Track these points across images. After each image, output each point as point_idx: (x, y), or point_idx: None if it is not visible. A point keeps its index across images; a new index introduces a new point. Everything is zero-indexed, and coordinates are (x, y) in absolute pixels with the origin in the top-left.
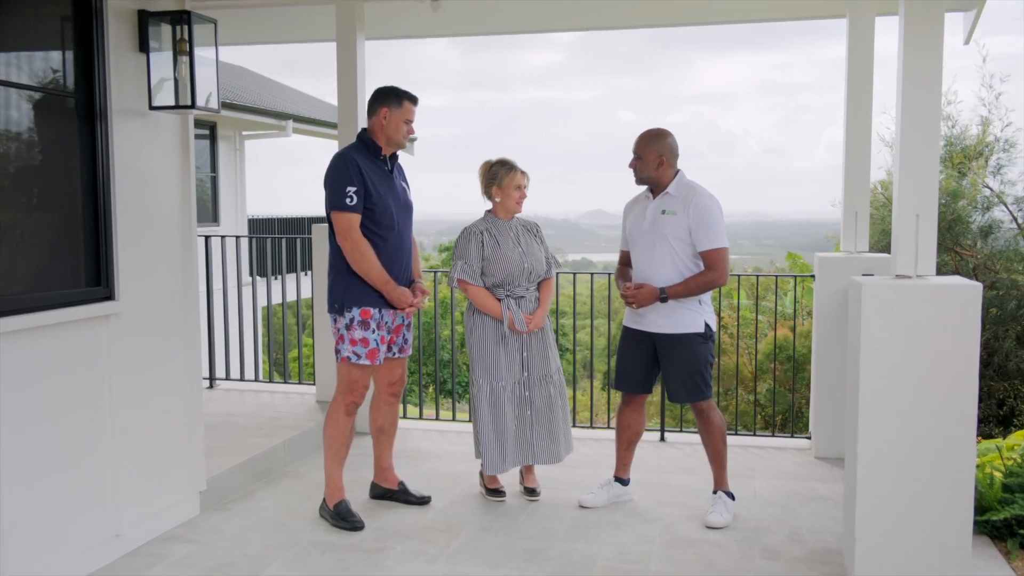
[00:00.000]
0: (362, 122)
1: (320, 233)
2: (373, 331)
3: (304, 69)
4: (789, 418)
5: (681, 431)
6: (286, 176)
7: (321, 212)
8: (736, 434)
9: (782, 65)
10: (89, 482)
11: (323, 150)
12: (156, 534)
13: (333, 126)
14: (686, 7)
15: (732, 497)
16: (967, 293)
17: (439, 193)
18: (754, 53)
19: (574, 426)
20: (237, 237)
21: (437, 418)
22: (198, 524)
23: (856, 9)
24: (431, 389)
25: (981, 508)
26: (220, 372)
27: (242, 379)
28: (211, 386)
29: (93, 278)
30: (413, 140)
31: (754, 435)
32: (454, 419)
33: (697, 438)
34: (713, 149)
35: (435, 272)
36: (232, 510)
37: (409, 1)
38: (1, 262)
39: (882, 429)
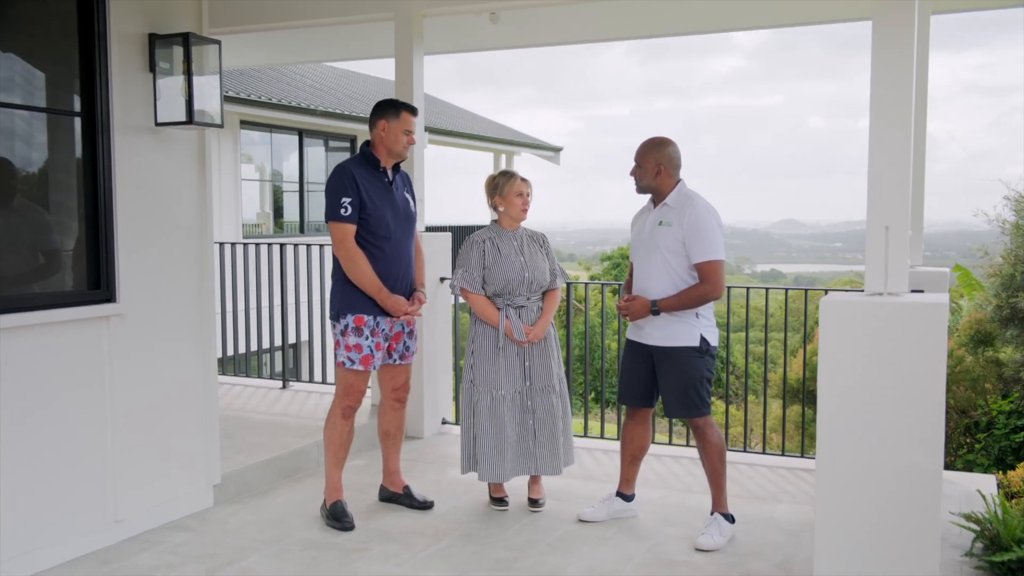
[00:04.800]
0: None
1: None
2: (367, 338)
3: (443, 79)
4: None
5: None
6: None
7: (434, 222)
8: (783, 455)
9: (988, 65)
10: (87, 470)
11: (443, 159)
12: (161, 522)
13: (463, 135)
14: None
15: (731, 519)
16: (931, 311)
17: (618, 202)
18: (955, 53)
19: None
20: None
21: None
22: (206, 515)
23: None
24: None
25: (997, 547)
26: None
27: (311, 380)
28: (284, 387)
29: (93, 281)
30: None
31: (801, 456)
32: None
33: (738, 458)
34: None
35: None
36: (245, 504)
37: (468, 15)
38: (4, 265)
39: (839, 456)
